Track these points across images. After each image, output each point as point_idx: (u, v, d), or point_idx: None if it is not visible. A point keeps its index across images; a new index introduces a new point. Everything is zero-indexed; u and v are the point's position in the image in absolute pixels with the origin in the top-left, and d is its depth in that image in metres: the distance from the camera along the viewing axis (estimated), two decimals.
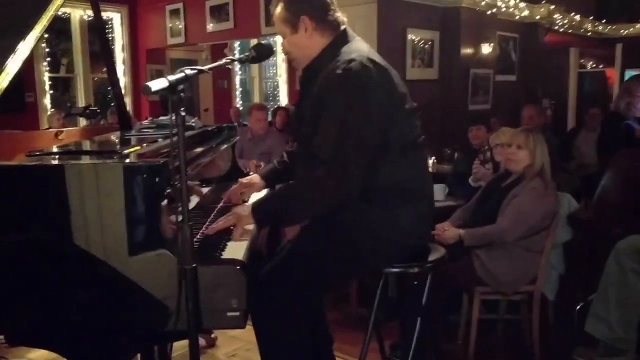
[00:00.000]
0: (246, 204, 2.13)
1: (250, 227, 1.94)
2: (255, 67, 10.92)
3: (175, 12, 8.73)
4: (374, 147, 1.86)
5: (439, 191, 3.90)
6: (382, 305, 2.37)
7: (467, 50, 6.51)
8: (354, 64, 1.84)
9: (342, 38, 1.99)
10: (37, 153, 1.85)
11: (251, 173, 3.28)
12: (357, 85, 1.83)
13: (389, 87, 1.91)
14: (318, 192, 1.85)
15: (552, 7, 7.43)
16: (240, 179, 2.42)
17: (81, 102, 8.77)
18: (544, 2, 7.39)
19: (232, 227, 1.94)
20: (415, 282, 2.19)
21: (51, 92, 8.44)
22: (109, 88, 3.31)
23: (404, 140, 1.94)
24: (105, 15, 8.94)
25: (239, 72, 11.01)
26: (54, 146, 2.26)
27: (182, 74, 1.43)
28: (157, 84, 1.36)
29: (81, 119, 7.11)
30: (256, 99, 10.95)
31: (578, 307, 2.97)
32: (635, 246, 2.59)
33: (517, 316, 3.23)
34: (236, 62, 1.94)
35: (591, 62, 11.13)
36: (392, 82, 1.92)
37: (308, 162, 1.94)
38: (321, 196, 1.85)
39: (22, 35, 2.00)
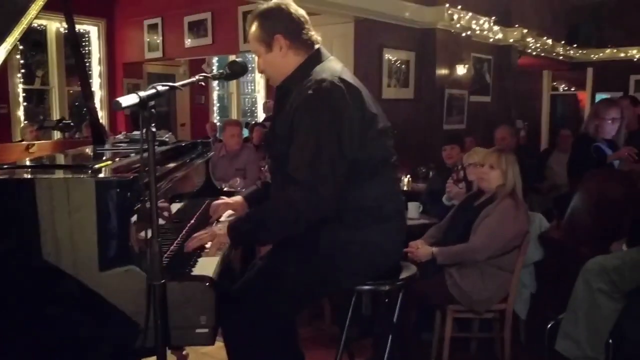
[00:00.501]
0: (221, 222, 2.12)
1: (225, 245, 1.94)
2: (233, 83, 10.93)
3: (153, 27, 8.72)
4: (346, 167, 1.86)
5: (413, 209, 3.93)
6: (355, 323, 2.37)
7: (443, 71, 6.61)
8: (325, 83, 1.85)
9: (315, 57, 2.01)
10: (6, 166, 1.82)
11: (225, 188, 3.28)
12: (329, 105, 1.84)
13: (361, 107, 1.91)
14: (292, 212, 1.84)
15: (525, 31, 7.60)
16: (225, 199, 2.40)
17: (56, 115, 8.66)
18: (517, 26, 7.55)
19: (205, 245, 1.93)
20: (386, 300, 2.19)
21: (25, 104, 8.33)
22: (83, 100, 3.28)
23: (376, 160, 1.96)
24: (82, 28, 8.90)
25: (217, 88, 11.00)
26: (25, 159, 2.23)
27: (154, 90, 1.43)
28: (128, 100, 1.36)
29: (55, 132, 7.01)
30: (234, 114, 10.95)
31: (549, 325, 3.00)
32: (602, 266, 2.63)
33: (489, 334, 3.25)
34: (210, 77, 1.94)
35: (563, 85, 11.38)
36: (363, 102, 1.93)
37: (282, 181, 1.94)
38: (295, 216, 1.85)
39: None
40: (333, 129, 1.83)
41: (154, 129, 1.41)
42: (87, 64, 9.15)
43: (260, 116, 10.48)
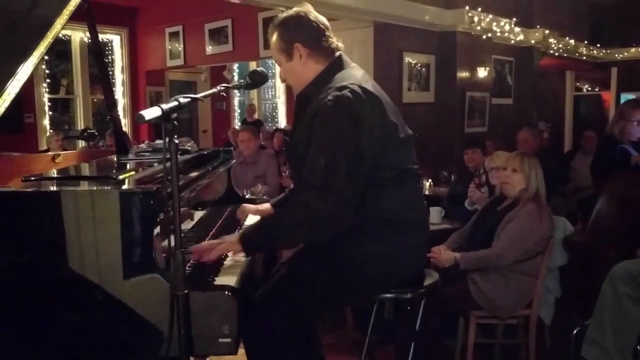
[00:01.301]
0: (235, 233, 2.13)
1: (241, 255, 1.95)
2: (253, 89, 11.00)
3: (174, 35, 8.84)
4: (364, 176, 1.85)
5: (435, 214, 3.91)
6: (377, 330, 2.36)
7: (463, 74, 6.57)
8: (345, 91, 1.84)
9: (336, 65, 1.99)
10: (33, 178, 1.86)
11: (247, 196, 3.31)
12: (348, 113, 1.83)
13: (381, 116, 1.90)
14: (304, 215, 1.83)
15: (547, 31, 7.51)
16: (256, 206, 2.43)
17: (80, 123, 8.82)
18: (538, 27, 7.47)
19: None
20: (408, 307, 2.19)
21: (50, 113, 8.49)
22: (106, 110, 3.34)
23: (398, 170, 1.94)
24: (105, 37, 9.05)
25: (238, 94, 11.07)
26: (51, 170, 2.28)
27: (176, 102, 1.44)
28: (151, 113, 1.38)
29: (79, 141, 7.13)
30: None
31: (575, 331, 2.96)
32: (629, 271, 2.59)
33: (513, 340, 3.21)
34: (231, 87, 1.96)
35: (587, 85, 11.21)
36: (384, 111, 1.91)
37: (300, 188, 1.94)
38: (307, 219, 1.83)
39: (22, 59, 2.02)
40: (351, 137, 1.82)
41: (176, 141, 1.42)
42: (110, 73, 9.31)
43: (282, 122, 10.54)
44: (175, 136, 1.42)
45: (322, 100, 1.87)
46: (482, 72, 6.77)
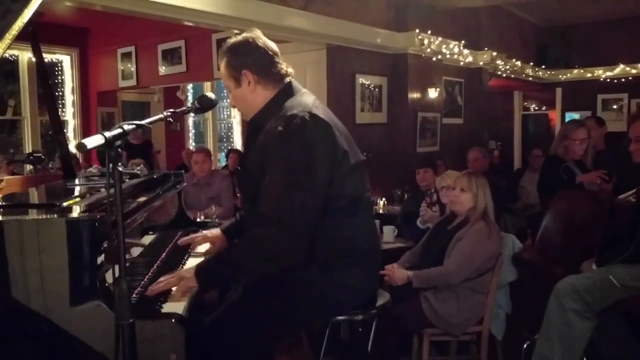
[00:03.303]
0: (192, 260, 2.09)
1: (191, 289, 1.90)
2: None
3: (127, 55, 8.73)
4: (319, 207, 1.83)
5: (389, 233, 3.96)
6: (331, 351, 2.36)
7: (415, 95, 6.70)
8: (296, 120, 1.82)
9: (286, 91, 1.97)
10: None
11: (199, 219, 3.27)
12: (300, 143, 1.81)
13: (332, 143, 1.87)
14: (263, 251, 1.80)
15: (495, 53, 7.76)
16: (204, 232, 2.35)
17: (28, 146, 8.56)
18: (486, 49, 7.71)
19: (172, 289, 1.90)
20: (360, 329, 2.20)
21: None
22: (52, 133, 3.26)
23: (349, 198, 1.91)
24: (55, 57, 8.86)
25: (192, 115, 10.98)
26: None
27: (120, 130, 1.42)
28: (93, 141, 1.35)
29: (26, 165, 6.91)
30: (209, 140, 10.92)
31: (525, 345, 3.03)
32: (574, 286, 2.67)
33: (467, 356, 3.26)
34: (179, 113, 1.92)
35: (534, 105, 11.61)
36: (334, 138, 1.88)
37: (254, 219, 1.90)
38: (267, 255, 1.80)
39: None
40: (304, 166, 1.79)
41: (120, 168, 1.40)
42: (60, 94, 9.10)
43: (237, 142, 10.49)
44: (121, 163, 1.40)
45: (273, 129, 1.85)
46: (433, 93, 6.93)
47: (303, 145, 1.81)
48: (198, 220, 3.24)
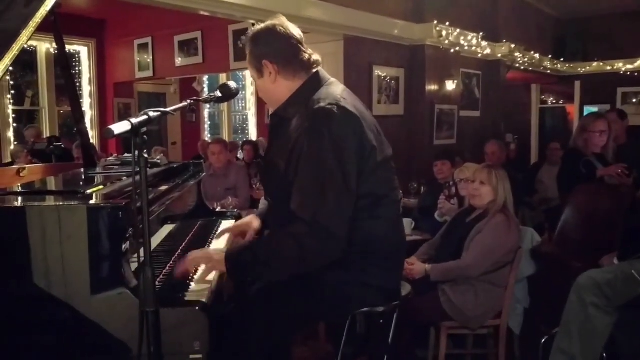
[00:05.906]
0: (219, 249, 2.06)
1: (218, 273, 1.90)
2: None
3: (143, 47, 8.76)
4: (352, 202, 1.75)
5: (406, 226, 3.92)
6: (350, 343, 2.35)
7: (432, 87, 6.66)
8: (323, 114, 1.74)
9: (312, 83, 1.89)
10: None
11: (217, 209, 3.28)
12: (329, 139, 1.72)
13: (361, 137, 1.78)
14: (299, 251, 1.73)
15: (513, 45, 7.68)
16: (240, 221, 2.35)
17: (46, 135, 8.62)
18: (504, 41, 7.63)
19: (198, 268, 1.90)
20: (381, 321, 2.18)
21: (15, 125, 8.30)
22: (73, 122, 3.28)
23: (370, 198, 1.82)
24: (72, 48, 8.91)
25: (208, 106, 10.99)
26: (15, 185, 2.22)
27: (145, 117, 1.42)
28: (120, 127, 1.35)
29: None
30: (225, 132, 10.95)
31: (543, 340, 3.00)
32: (594, 280, 2.64)
33: (484, 350, 3.24)
34: (202, 101, 1.88)
35: (552, 98, 11.49)
36: (363, 131, 1.79)
37: (282, 217, 1.82)
38: (302, 256, 1.74)
39: None
40: (335, 162, 1.71)
41: (146, 155, 1.41)
42: (78, 85, 9.16)
43: (252, 134, 10.51)
44: (145, 150, 1.40)
45: (301, 124, 1.79)
46: (450, 85, 6.87)
47: (333, 141, 1.72)
48: (217, 210, 3.24)
